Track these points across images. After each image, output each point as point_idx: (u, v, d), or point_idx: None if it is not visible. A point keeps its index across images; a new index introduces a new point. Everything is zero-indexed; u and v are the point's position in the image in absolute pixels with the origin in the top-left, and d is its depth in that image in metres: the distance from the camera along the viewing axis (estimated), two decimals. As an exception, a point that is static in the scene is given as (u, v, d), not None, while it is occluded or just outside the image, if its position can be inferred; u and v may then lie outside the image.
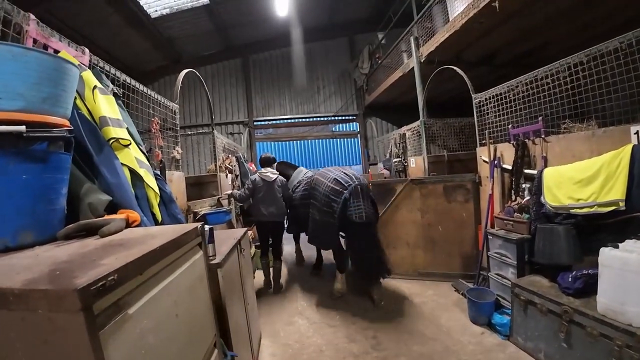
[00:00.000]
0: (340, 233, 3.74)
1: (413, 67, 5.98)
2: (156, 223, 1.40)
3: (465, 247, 3.97)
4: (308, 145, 10.00)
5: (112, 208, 1.21)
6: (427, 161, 5.19)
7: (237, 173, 5.26)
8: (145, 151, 1.59)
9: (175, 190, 2.87)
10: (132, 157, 1.35)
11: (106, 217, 1.11)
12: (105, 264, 0.68)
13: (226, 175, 4.75)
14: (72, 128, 1.12)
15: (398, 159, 6.05)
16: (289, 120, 9.69)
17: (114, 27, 6.78)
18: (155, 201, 1.40)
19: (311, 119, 9.77)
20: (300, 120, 9.73)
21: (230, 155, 5.27)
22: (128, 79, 2.11)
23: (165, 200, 1.50)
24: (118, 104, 1.62)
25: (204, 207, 3.61)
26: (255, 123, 9.48)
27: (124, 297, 0.70)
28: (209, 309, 1.27)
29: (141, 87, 2.26)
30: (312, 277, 4.62)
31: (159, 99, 2.55)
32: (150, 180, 1.39)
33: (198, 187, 4.39)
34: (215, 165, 4.30)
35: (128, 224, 1.16)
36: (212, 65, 9.32)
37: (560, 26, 4.65)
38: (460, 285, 3.72)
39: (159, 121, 2.47)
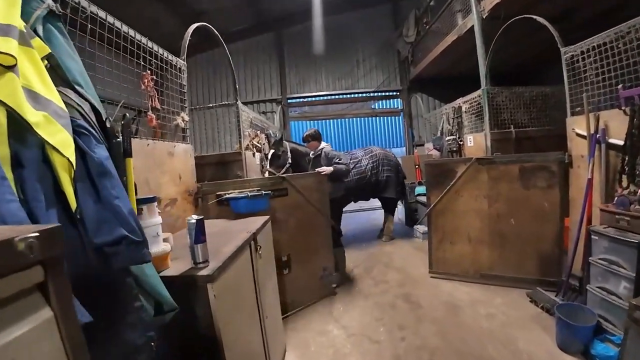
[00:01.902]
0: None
1: (472, 27, 4.96)
2: (68, 216, 0.78)
3: (544, 246, 3.12)
4: (346, 123, 9.23)
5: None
6: (489, 138, 4.28)
7: (267, 152, 4.69)
8: (85, 96, 0.96)
9: (181, 168, 2.33)
10: (16, 87, 0.70)
11: None
12: None
13: (253, 154, 4.21)
14: None
15: (452, 137, 5.13)
16: (325, 97, 8.93)
17: (140, 3, 6.39)
18: (66, 173, 0.75)
19: (349, 96, 8.92)
20: (337, 97, 8.92)
21: (259, 133, 4.72)
22: (103, 14, 1.54)
23: (93, 172, 0.82)
24: (57, 27, 1.04)
25: (252, 188, 2.80)
26: (289, 101, 8.86)
27: None
28: None
29: (124, 28, 1.69)
30: (352, 271, 4.00)
31: (156, 49, 1.97)
32: (54, 133, 0.73)
33: (222, 166, 3.92)
34: (240, 143, 3.75)
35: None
36: (243, 41, 8.72)
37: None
38: (538, 295, 2.92)
39: (154, 77, 1.91)
